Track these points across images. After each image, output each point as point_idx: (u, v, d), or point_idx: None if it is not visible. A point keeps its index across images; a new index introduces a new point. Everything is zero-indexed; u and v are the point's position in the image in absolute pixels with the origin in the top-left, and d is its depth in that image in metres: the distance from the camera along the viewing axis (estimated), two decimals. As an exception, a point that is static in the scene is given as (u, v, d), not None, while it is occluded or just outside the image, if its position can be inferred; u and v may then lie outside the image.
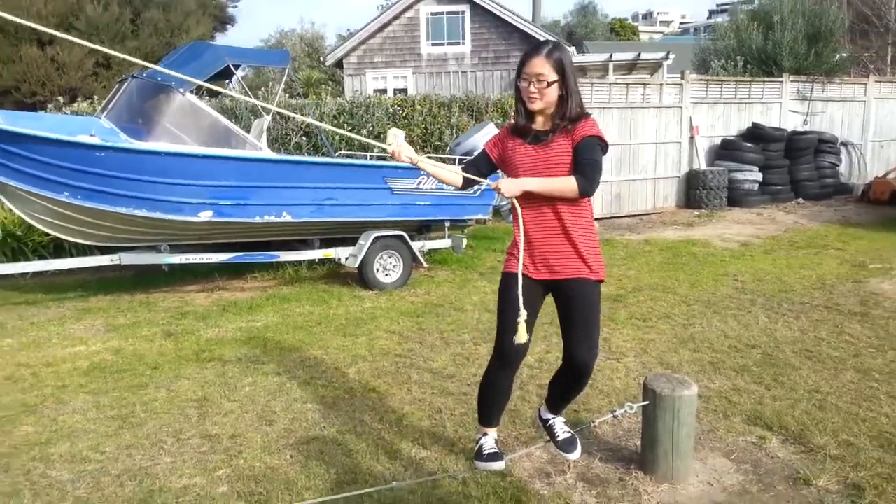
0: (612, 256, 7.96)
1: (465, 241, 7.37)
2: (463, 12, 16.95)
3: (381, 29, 17.14)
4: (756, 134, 11.73)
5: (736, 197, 11.48)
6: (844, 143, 12.80)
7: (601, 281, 2.76)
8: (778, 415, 3.57)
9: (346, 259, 6.77)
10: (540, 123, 2.72)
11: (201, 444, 3.45)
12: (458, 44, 17.12)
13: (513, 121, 2.79)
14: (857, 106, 12.98)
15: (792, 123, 12.34)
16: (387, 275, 6.80)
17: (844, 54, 17.41)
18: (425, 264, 7.11)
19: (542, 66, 2.59)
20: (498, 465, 2.81)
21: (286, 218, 6.26)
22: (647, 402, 3.02)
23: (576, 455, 2.99)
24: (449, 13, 17.00)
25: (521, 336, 2.55)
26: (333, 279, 7.20)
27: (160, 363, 4.72)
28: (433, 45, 17.17)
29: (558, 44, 2.70)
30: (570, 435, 3.02)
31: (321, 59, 24.24)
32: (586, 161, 2.59)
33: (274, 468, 3.17)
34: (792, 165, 11.90)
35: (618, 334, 5.03)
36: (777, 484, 2.95)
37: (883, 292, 6.02)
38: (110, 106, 6.47)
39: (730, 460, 3.17)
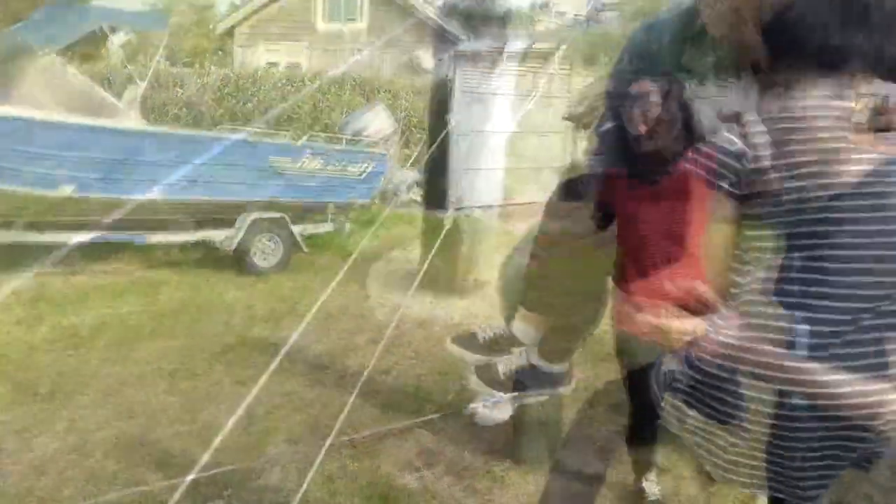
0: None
1: (348, 226, 7.25)
2: (361, -13, 16.58)
3: (276, -2, 16.50)
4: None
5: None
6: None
7: None
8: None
9: (222, 242, 6.46)
10: None
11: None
12: (354, 20, 16.74)
13: None
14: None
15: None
16: (265, 259, 6.56)
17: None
18: (306, 249, 6.93)
19: None
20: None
21: (157, 195, 5.91)
22: (518, 392, 3.06)
23: None
24: (347, -13, 16.58)
25: None
26: (207, 263, 6.85)
27: (7, 352, 4.36)
28: (330, 20, 16.71)
29: None
30: None
31: (211, 26, 23.07)
32: None
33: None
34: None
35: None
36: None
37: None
38: (-36, 65, 5.89)
39: (594, 450, 3.27)
